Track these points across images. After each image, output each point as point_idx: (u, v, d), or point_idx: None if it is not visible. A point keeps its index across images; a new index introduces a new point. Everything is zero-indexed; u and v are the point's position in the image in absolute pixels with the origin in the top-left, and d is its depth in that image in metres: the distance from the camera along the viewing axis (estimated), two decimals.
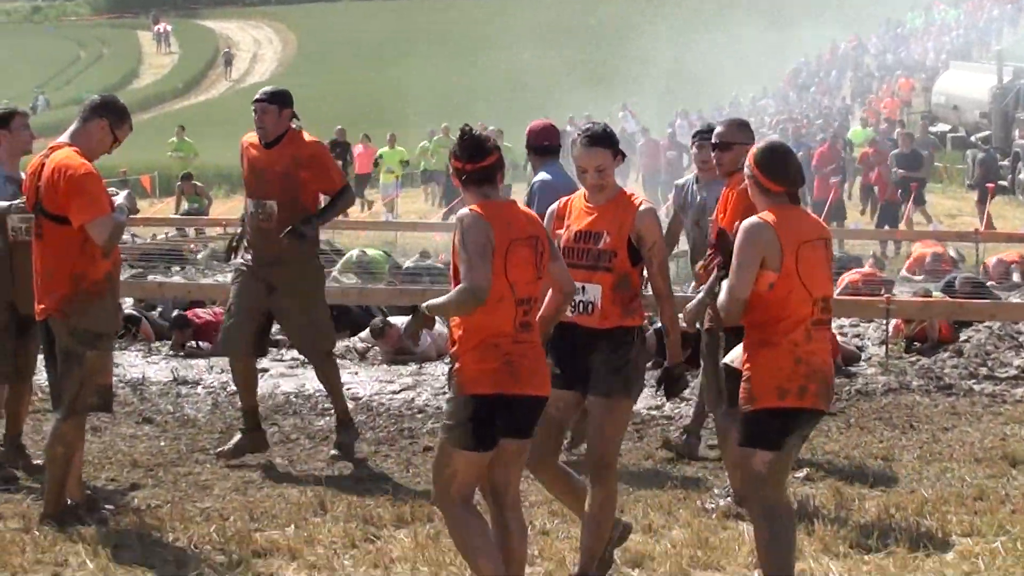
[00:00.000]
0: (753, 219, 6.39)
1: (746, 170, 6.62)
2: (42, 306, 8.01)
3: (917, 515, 8.31)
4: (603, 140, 6.84)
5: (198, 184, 29.01)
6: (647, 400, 11.53)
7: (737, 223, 8.33)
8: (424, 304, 6.19)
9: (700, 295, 6.63)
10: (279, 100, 9.59)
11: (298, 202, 9.51)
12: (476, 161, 6.23)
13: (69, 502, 8.09)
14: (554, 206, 7.13)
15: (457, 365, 6.21)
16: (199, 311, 14.76)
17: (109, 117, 8.14)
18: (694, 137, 9.95)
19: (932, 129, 39.41)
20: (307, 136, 9.68)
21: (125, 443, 10.29)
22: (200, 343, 14.26)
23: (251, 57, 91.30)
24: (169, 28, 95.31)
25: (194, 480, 9.24)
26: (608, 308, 6.84)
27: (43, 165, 7.97)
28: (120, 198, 8.15)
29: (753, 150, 6.63)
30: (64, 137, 8.15)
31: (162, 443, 10.30)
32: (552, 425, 6.76)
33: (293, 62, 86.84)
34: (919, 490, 8.94)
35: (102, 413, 8.80)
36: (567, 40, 78.36)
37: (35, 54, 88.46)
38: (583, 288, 6.81)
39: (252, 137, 9.77)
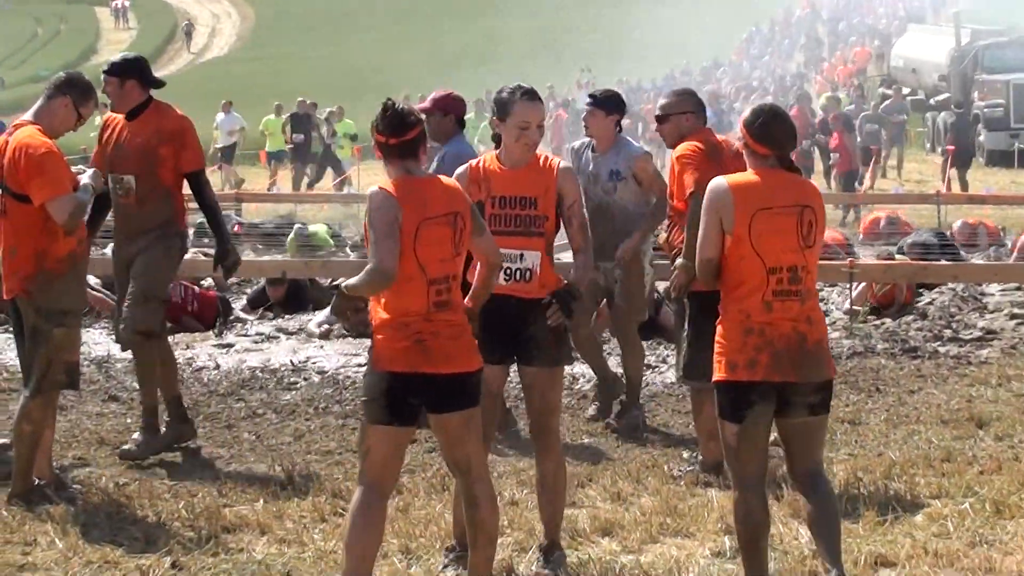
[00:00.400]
0: (715, 180, 6.36)
1: (737, 131, 6.60)
2: (8, 285, 7.99)
3: (885, 478, 8.33)
4: (538, 96, 6.88)
5: None
6: (613, 368, 11.54)
7: (672, 189, 8.61)
8: (343, 283, 6.11)
9: (679, 261, 6.74)
10: (118, 71, 9.08)
11: (156, 177, 9.01)
12: (399, 135, 6.13)
13: (37, 481, 8.05)
14: (463, 169, 6.97)
15: (372, 342, 6.18)
16: None
17: (72, 94, 8.10)
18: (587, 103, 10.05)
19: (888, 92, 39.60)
20: (176, 111, 9.19)
21: (91, 421, 10.24)
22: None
23: (210, 31, 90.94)
24: (127, 3, 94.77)
25: (161, 457, 9.19)
26: (546, 274, 6.81)
27: (6, 144, 7.92)
28: (85, 177, 8.09)
29: (744, 112, 6.59)
30: (28, 115, 8.12)
31: (128, 420, 10.23)
32: (490, 401, 6.71)
33: (251, 36, 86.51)
34: (886, 453, 8.97)
35: (69, 391, 8.72)
36: (524, 9, 78.25)
37: None
38: (520, 255, 6.77)
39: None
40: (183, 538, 7.37)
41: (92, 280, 14.99)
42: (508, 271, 6.71)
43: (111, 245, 9.64)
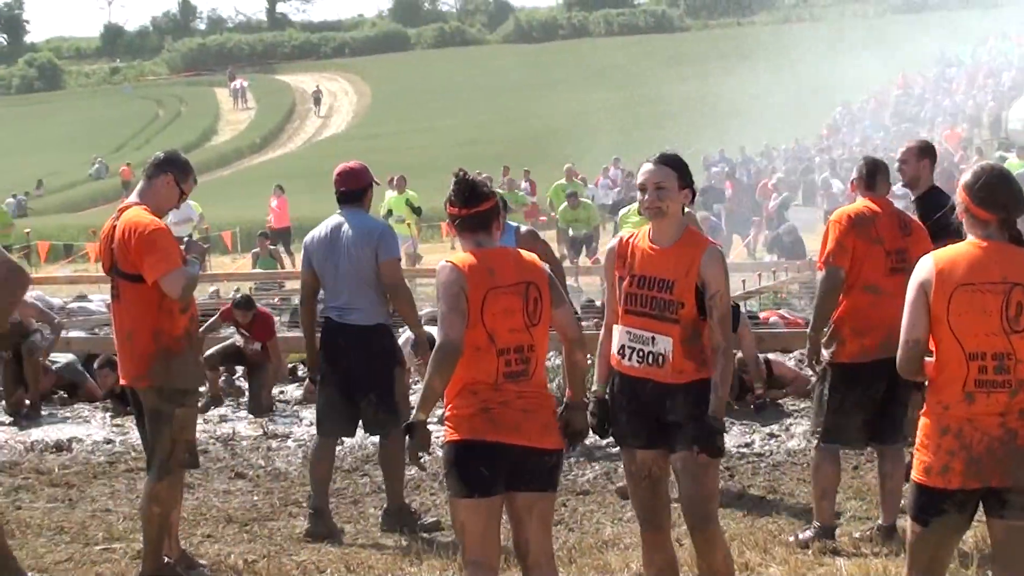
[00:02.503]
0: (925, 257, 5.73)
1: (957, 198, 5.83)
2: (126, 369, 7.99)
3: None
4: (669, 160, 6.46)
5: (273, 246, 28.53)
6: (737, 437, 11.51)
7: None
8: (411, 418, 6.01)
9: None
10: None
11: None
12: (470, 206, 6.09)
13: (167, 560, 8.15)
14: (613, 243, 6.65)
15: (445, 413, 6.13)
16: None
17: (174, 172, 8.10)
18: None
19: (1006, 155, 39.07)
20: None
21: (219, 499, 10.37)
22: None
23: (327, 109, 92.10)
24: (246, 84, 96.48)
25: (289, 533, 9.28)
26: (681, 362, 6.37)
27: (114, 227, 7.94)
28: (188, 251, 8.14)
29: (964, 175, 5.87)
30: (132, 197, 8.15)
31: (255, 497, 10.36)
32: (648, 487, 6.53)
33: (368, 112, 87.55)
34: None
35: (193, 470, 8.82)
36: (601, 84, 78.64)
37: (114, 114, 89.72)
38: (652, 339, 6.39)
39: None
40: None
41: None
42: (640, 353, 6.42)
43: None
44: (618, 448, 6.80)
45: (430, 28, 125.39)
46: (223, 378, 14.51)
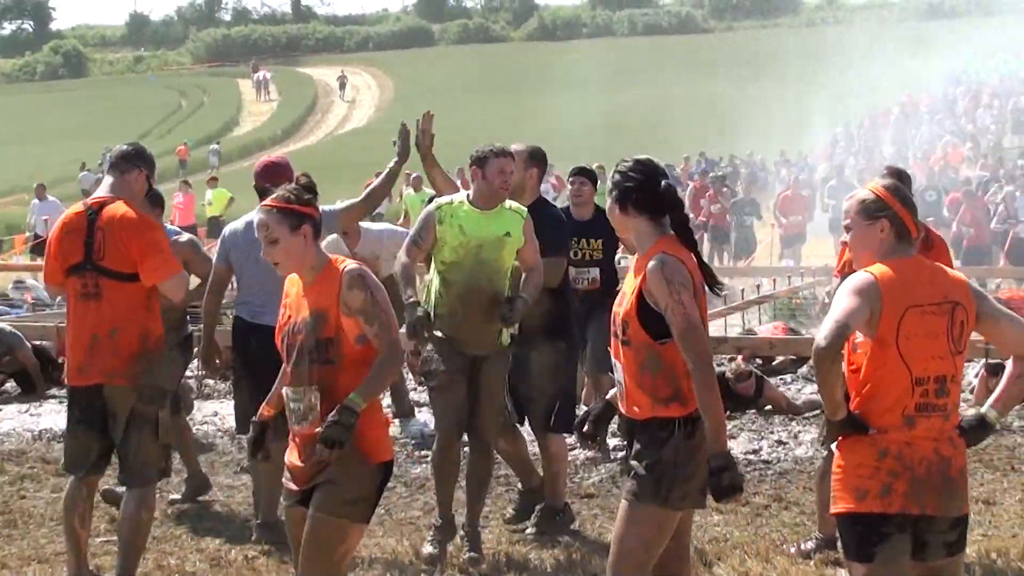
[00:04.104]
0: (860, 272, 5.33)
1: (879, 207, 5.39)
2: (101, 368, 7.47)
3: (1021, 560, 8.17)
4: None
5: None
6: (744, 444, 11.47)
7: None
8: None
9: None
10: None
11: None
12: None
13: None
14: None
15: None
16: None
17: (145, 166, 7.80)
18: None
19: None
20: None
21: (223, 493, 10.35)
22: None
23: (350, 103, 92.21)
24: (269, 75, 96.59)
25: None
26: (635, 393, 5.67)
27: (86, 221, 7.53)
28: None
29: (870, 182, 5.64)
30: (104, 190, 7.71)
31: None
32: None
33: (390, 107, 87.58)
34: (1021, 534, 8.79)
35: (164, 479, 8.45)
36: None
37: (138, 103, 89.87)
38: (615, 364, 5.78)
39: None
40: None
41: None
42: (614, 380, 5.94)
43: None
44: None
45: (454, 24, 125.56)
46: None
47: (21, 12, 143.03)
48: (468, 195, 8.34)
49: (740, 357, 13.14)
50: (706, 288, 5.69)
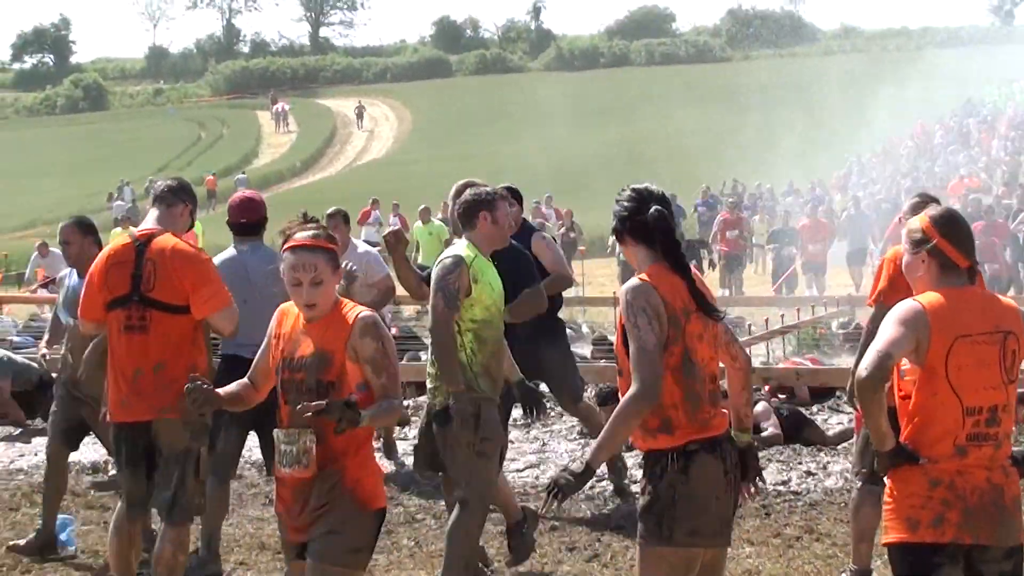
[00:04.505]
0: (906, 301, 5.35)
1: (920, 239, 5.45)
2: (152, 404, 7.41)
3: None
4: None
5: None
6: (773, 475, 11.42)
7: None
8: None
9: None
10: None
11: None
12: None
13: None
14: None
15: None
16: None
17: (190, 201, 7.85)
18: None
19: None
20: None
21: (252, 525, 10.34)
22: None
23: (368, 134, 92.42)
24: (287, 107, 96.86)
25: None
26: None
27: (134, 252, 7.53)
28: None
29: (923, 213, 5.56)
30: (151, 223, 7.72)
31: None
32: None
33: (408, 138, 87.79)
34: None
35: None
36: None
37: (157, 136, 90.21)
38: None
39: None
40: None
41: None
42: None
43: None
44: None
45: (472, 55, 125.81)
46: None
47: (42, 46, 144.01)
48: (470, 243, 7.95)
49: (766, 388, 13.10)
50: (703, 313, 5.54)
